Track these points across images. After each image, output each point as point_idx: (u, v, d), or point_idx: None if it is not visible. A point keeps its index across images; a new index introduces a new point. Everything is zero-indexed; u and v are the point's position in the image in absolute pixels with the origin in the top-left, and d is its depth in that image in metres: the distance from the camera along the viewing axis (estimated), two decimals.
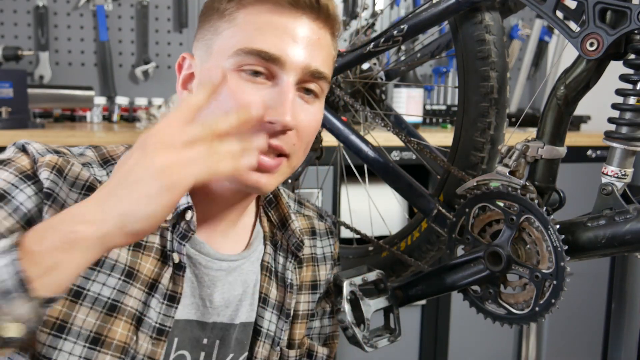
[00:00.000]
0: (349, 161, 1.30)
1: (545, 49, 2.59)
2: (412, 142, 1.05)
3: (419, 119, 2.15)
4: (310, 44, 0.73)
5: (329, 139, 1.14)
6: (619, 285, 1.85)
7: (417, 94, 2.07)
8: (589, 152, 2.08)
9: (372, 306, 0.90)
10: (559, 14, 0.77)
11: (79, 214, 0.56)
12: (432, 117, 2.25)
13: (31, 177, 0.68)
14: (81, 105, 2.00)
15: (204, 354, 0.80)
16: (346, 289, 0.87)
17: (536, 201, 0.77)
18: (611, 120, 0.77)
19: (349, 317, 0.86)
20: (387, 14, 2.42)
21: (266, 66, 0.71)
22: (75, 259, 0.55)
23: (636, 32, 0.72)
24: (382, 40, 1.00)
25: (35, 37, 2.09)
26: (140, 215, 0.56)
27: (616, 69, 0.76)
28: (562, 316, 2.13)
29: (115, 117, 2.12)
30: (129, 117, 2.12)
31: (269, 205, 0.89)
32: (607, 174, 0.76)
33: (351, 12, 2.27)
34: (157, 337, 0.74)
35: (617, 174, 0.76)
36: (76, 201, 0.70)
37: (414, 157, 1.80)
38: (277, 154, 0.73)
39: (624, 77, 0.75)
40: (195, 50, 0.78)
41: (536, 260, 0.78)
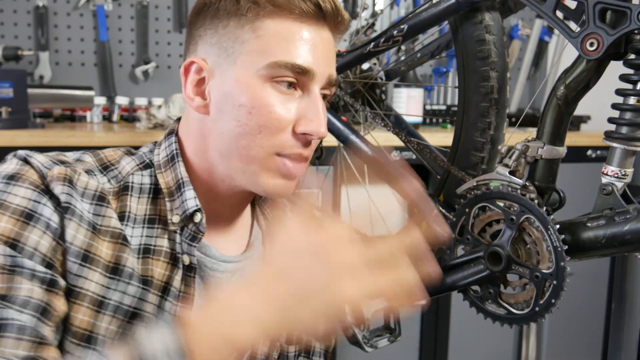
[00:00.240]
0: (349, 161, 1.29)
1: (545, 49, 2.59)
2: (412, 142, 1.05)
3: (419, 119, 2.15)
4: (329, 53, 0.75)
5: (329, 139, 1.14)
6: (619, 285, 1.85)
7: (417, 94, 2.07)
8: (589, 152, 2.08)
9: (372, 306, 0.90)
10: (559, 14, 0.77)
11: (247, 324, 0.58)
12: (432, 117, 2.25)
13: (46, 191, 0.67)
14: (81, 105, 1.99)
15: None
16: None
17: (536, 201, 0.77)
18: (611, 120, 0.77)
19: (348, 317, 0.85)
20: (387, 14, 2.42)
21: (296, 77, 0.72)
22: (235, 358, 0.58)
23: (636, 32, 0.71)
24: (382, 40, 1.00)
25: (35, 37, 2.09)
26: (305, 333, 0.61)
27: (616, 69, 0.76)
28: (562, 316, 2.13)
29: (115, 117, 2.12)
30: (129, 117, 2.12)
31: (264, 203, 0.89)
32: (607, 174, 0.76)
33: (351, 12, 2.27)
34: None
35: (617, 174, 0.76)
36: (89, 212, 0.69)
37: (414, 157, 1.80)
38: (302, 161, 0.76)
39: (624, 77, 0.75)
40: (205, 54, 0.75)
41: (536, 260, 0.78)
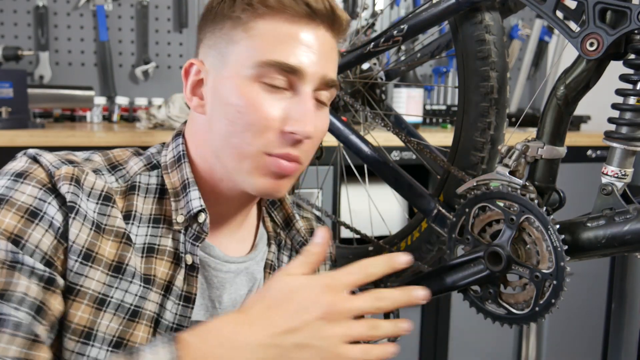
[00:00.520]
0: (349, 161, 1.30)
1: (545, 49, 2.59)
2: (412, 142, 1.05)
3: (419, 119, 2.15)
4: (325, 54, 0.74)
5: (329, 139, 1.14)
6: (619, 285, 1.85)
7: (417, 94, 2.07)
8: (589, 152, 2.08)
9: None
10: (559, 14, 0.77)
11: (238, 351, 0.59)
12: (432, 117, 2.25)
13: (53, 190, 0.68)
14: (81, 105, 1.99)
15: None
16: None
17: (536, 201, 0.77)
18: (611, 120, 0.77)
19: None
20: (387, 14, 2.42)
21: (286, 77, 0.72)
22: None
23: (636, 32, 0.71)
24: (382, 40, 1.00)
25: (35, 37, 2.09)
26: None
27: (616, 69, 0.76)
28: (562, 316, 2.13)
29: (115, 117, 2.12)
30: (129, 117, 2.12)
31: (272, 206, 0.90)
32: (607, 174, 0.76)
33: (351, 12, 2.27)
34: None
35: (617, 174, 0.76)
36: (94, 211, 0.70)
37: (414, 157, 1.80)
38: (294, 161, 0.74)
39: (624, 77, 0.75)
40: (204, 56, 0.77)
41: (536, 260, 0.78)
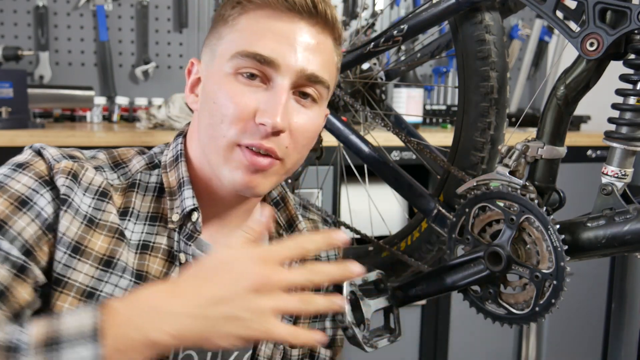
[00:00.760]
0: (349, 161, 1.29)
1: (545, 49, 2.59)
2: (412, 142, 1.05)
3: (419, 119, 2.15)
4: (307, 49, 0.74)
5: (329, 139, 1.14)
6: (619, 285, 1.85)
7: (417, 94, 2.07)
8: (589, 152, 2.08)
9: (372, 306, 0.89)
10: (559, 14, 0.77)
11: (164, 319, 0.58)
12: (432, 117, 2.25)
13: (49, 182, 0.70)
14: (81, 105, 1.99)
15: (210, 354, 0.80)
16: (346, 289, 0.86)
17: (536, 201, 0.77)
18: (611, 120, 0.77)
19: (349, 317, 0.85)
20: (387, 14, 2.42)
21: (261, 69, 0.72)
22: (147, 357, 0.59)
23: (636, 32, 0.71)
24: (382, 40, 1.00)
25: (35, 37, 2.09)
26: (216, 345, 0.59)
27: (616, 69, 0.76)
28: (562, 316, 2.13)
29: (115, 117, 2.12)
30: (129, 117, 2.12)
31: (276, 207, 0.89)
32: (607, 174, 0.76)
33: (351, 12, 2.27)
34: None
35: (617, 174, 0.76)
36: (89, 206, 0.71)
37: (414, 157, 1.80)
38: (269, 156, 0.73)
39: (624, 77, 0.75)
40: (202, 55, 0.80)
41: (536, 260, 0.78)
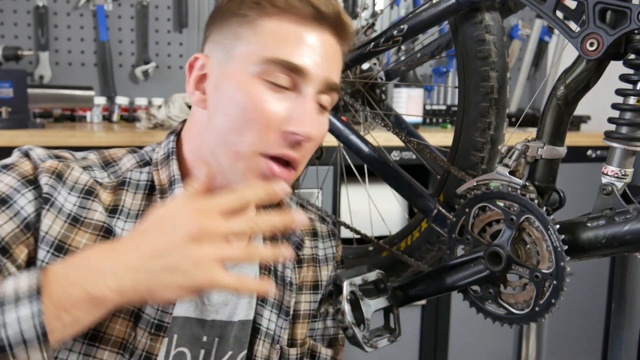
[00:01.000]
0: (349, 161, 1.29)
1: (545, 49, 2.59)
2: (412, 142, 1.05)
3: (419, 119, 2.15)
4: (329, 58, 0.75)
5: (329, 139, 1.14)
6: (619, 285, 1.85)
7: (417, 94, 2.07)
8: (589, 152, 2.08)
9: (372, 306, 0.90)
10: (559, 14, 0.77)
11: (103, 274, 0.58)
12: (432, 117, 2.25)
13: (32, 182, 0.71)
14: (81, 105, 1.99)
15: (203, 352, 0.80)
16: (346, 289, 0.86)
17: (536, 201, 0.77)
18: (611, 120, 0.77)
19: (349, 317, 0.85)
20: (387, 14, 2.42)
21: (290, 76, 0.73)
22: (94, 316, 0.59)
23: (636, 32, 0.71)
24: (382, 40, 1.00)
25: (35, 37, 2.09)
26: (161, 298, 0.60)
27: (616, 69, 0.76)
28: (562, 316, 2.13)
29: (115, 117, 2.12)
30: (129, 117, 2.12)
31: (269, 205, 0.89)
32: (607, 174, 0.76)
33: (351, 12, 2.27)
34: (155, 332, 0.74)
35: (617, 174, 0.76)
36: (74, 204, 0.72)
37: (414, 157, 1.80)
38: (287, 165, 0.74)
39: (624, 77, 0.75)
40: (210, 51, 0.78)
41: (536, 260, 0.78)
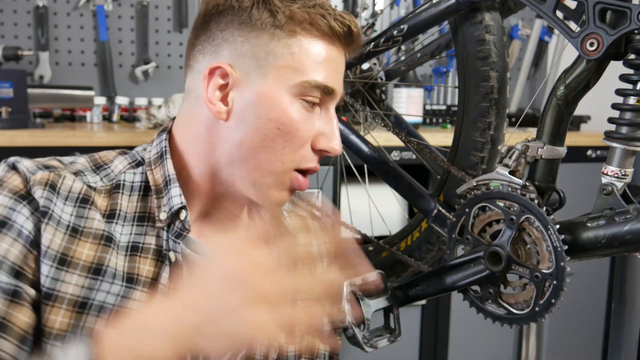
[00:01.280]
0: (349, 161, 1.29)
1: (545, 49, 2.59)
2: (412, 142, 1.05)
3: (419, 119, 2.15)
4: (342, 72, 0.80)
5: None
6: (619, 285, 1.85)
7: (417, 94, 2.07)
8: (589, 152, 2.08)
9: (372, 306, 0.89)
10: (559, 14, 0.77)
11: (157, 338, 0.57)
12: (432, 117, 2.25)
13: (25, 196, 0.69)
14: (81, 105, 1.99)
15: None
16: (346, 289, 0.86)
17: (536, 201, 0.77)
18: (611, 120, 0.77)
19: (349, 317, 0.85)
20: (387, 14, 2.42)
21: (321, 96, 0.76)
22: None
23: (636, 32, 0.71)
24: (382, 40, 1.00)
25: (35, 37, 2.09)
26: (218, 354, 0.58)
27: (616, 69, 0.76)
28: (562, 316, 2.13)
29: (115, 117, 2.12)
30: (129, 117, 2.12)
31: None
32: (607, 174, 0.76)
33: (351, 12, 2.27)
34: None
35: (617, 174, 0.76)
36: (71, 214, 0.71)
37: (414, 157, 1.80)
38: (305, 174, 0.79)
39: (624, 77, 0.75)
40: (232, 60, 0.74)
41: (536, 260, 0.78)
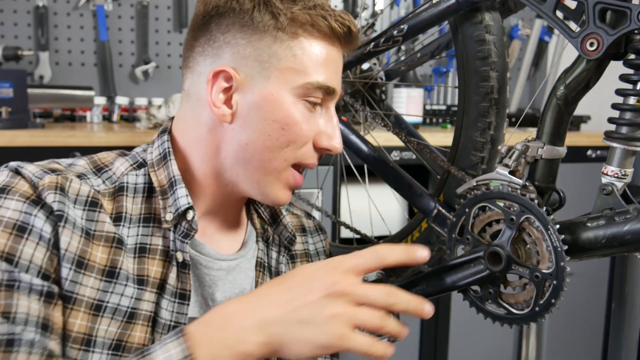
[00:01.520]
0: (349, 161, 1.30)
1: (545, 49, 2.59)
2: (412, 142, 1.05)
3: (419, 119, 2.15)
4: (340, 71, 0.81)
5: None
6: (619, 285, 1.85)
7: (417, 94, 2.07)
8: (589, 152, 2.08)
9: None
10: (559, 14, 0.77)
11: (245, 331, 0.62)
12: (432, 117, 2.25)
13: (37, 201, 0.67)
14: (81, 105, 1.99)
15: None
16: None
17: (536, 201, 0.77)
18: (611, 120, 0.77)
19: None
20: (387, 14, 2.42)
21: (323, 96, 0.78)
22: None
23: (636, 32, 0.71)
24: (382, 40, 1.00)
25: (35, 37, 2.09)
26: (294, 353, 0.62)
27: (616, 69, 0.76)
28: (562, 316, 2.13)
29: (115, 117, 2.12)
30: (129, 117, 2.12)
31: (259, 202, 0.90)
32: (607, 174, 0.76)
33: (351, 12, 2.27)
34: None
35: (617, 174, 0.76)
36: (82, 218, 0.70)
37: (414, 157, 1.80)
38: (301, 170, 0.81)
39: (624, 77, 0.75)
40: (235, 63, 0.75)
41: (536, 260, 0.78)
